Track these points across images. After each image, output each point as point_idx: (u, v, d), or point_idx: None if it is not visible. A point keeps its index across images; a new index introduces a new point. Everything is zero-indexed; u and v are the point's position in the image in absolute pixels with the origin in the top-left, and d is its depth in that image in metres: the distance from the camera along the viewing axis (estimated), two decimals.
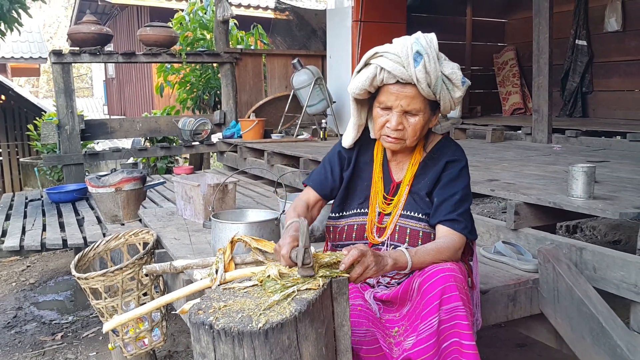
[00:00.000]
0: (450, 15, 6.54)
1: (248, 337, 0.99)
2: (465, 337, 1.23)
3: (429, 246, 1.36)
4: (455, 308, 1.24)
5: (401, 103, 1.38)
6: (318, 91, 4.76)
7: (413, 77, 1.35)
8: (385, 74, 1.38)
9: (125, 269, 2.03)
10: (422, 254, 1.33)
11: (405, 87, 1.38)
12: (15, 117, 8.60)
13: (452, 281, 1.26)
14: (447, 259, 1.34)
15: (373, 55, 1.41)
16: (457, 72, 1.40)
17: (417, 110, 1.39)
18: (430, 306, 1.26)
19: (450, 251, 1.36)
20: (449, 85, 1.39)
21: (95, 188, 3.20)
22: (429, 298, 1.26)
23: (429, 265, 1.32)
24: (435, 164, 1.47)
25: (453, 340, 1.24)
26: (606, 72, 5.49)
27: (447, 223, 1.40)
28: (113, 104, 13.52)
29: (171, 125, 5.31)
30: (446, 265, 1.30)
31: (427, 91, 1.37)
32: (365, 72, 1.41)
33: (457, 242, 1.38)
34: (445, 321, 1.24)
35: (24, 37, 11.89)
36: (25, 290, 3.90)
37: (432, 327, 1.25)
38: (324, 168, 1.58)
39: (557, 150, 3.65)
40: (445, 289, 1.25)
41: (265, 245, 1.41)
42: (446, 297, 1.25)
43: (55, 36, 23.70)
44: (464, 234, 1.40)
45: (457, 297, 1.25)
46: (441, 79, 1.37)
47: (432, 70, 1.35)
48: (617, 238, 4.10)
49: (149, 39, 4.94)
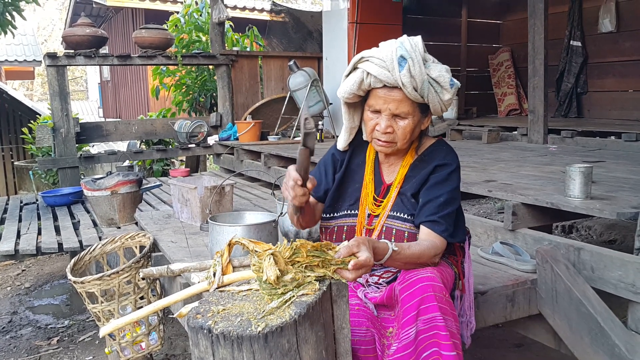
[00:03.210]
0: (446, 17, 6.56)
1: (247, 341, 0.98)
2: (444, 347, 1.23)
3: (413, 248, 1.33)
4: (433, 318, 1.24)
5: (389, 106, 1.39)
6: (314, 93, 4.76)
7: (398, 81, 1.35)
8: (372, 79, 1.38)
9: (121, 273, 2.01)
10: (402, 256, 1.29)
11: (392, 91, 1.38)
12: (10, 120, 8.55)
13: (430, 291, 1.25)
14: (425, 262, 1.34)
15: (359, 59, 1.41)
16: (445, 74, 1.39)
17: (405, 113, 1.39)
18: (407, 316, 1.26)
19: (430, 254, 1.35)
20: (437, 88, 1.39)
21: (91, 191, 3.19)
22: (407, 308, 1.26)
23: (403, 266, 1.32)
24: (425, 166, 1.47)
25: (433, 350, 1.24)
26: (601, 72, 5.52)
27: (428, 224, 1.39)
28: (108, 107, 13.48)
29: (167, 128, 5.30)
30: (426, 274, 1.29)
31: (414, 94, 1.36)
32: (353, 77, 1.42)
33: (437, 245, 1.37)
34: (424, 331, 1.24)
35: (18, 40, 11.83)
36: (20, 294, 3.87)
37: (409, 337, 1.25)
38: (318, 170, 1.59)
39: (553, 151, 3.66)
40: (423, 300, 1.25)
41: (263, 247, 1.40)
42: (424, 307, 1.24)
43: (50, 39, 23.60)
44: (443, 236, 1.38)
45: (436, 307, 1.24)
46: (427, 82, 1.37)
47: (417, 74, 1.35)
48: (613, 238, 4.11)
49: (144, 41, 4.93)
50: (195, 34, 6.26)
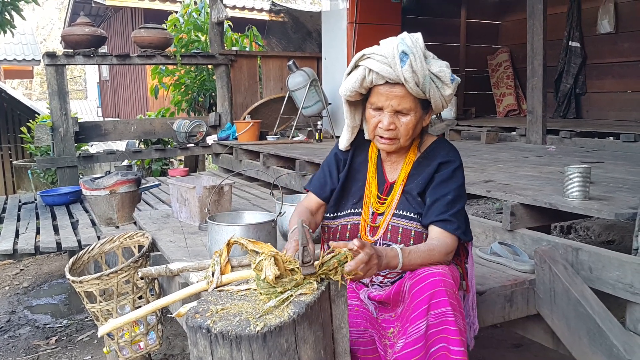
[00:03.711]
0: (445, 17, 6.56)
1: (246, 341, 0.98)
2: (453, 342, 1.23)
3: (422, 247, 1.36)
4: (444, 313, 1.24)
5: (391, 103, 1.39)
6: (313, 93, 4.76)
7: (400, 77, 1.36)
8: (374, 75, 1.39)
9: (120, 272, 2.01)
10: (414, 256, 1.32)
11: (394, 87, 1.39)
12: (9, 119, 8.54)
13: (442, 286, 1.26)
14: (438, 261, 1.34)
15: (361, 57, 1.42)
16: (446, 70, 1.40)
17: (407, 109, 1.40)
18: (418, 310, 1.26)
19: (441, 253, 1.35)
20: (438, 84, 1.40)
21: (90, 191, 3.18)
22: (418, 302, 1.26)
23: (419, 267, 1.32)
24: (428, 164, 1.47)
25: (441, 346, 1.24)
26: (599, 73, 5.53)
27: (439, 224, 1.39)
28: (107, 106, 13.47)
29: (166, 128, 5.30)
30: (437, 270, 1.29)
31: (416, 90, 1.37)
32: (355, 74, 1.43)
33: (449, 243, 1.38)
34: (434, 326, 1.24)
35: (17, 39, 11.81)
36: (18, 294, 3.86)
37: (419, 331, 1.25)
38: (322, 172, 1.60)
39: (552, 151, 3.67)
40: (434, 294, 1.25)
41: (261, 247, 1.40)
42: (435, 302, 1.25)
43: (49, 38, 23.57)
44: (456, 234, 1.39)
45: (446, 302, 1.24)
46: (429, 78, 1.38)
47: (419, 69, 1.36)
48: (611, 238, 4.12)
49: (144, 41, 4.93)
50: (195, 34, 6.26)
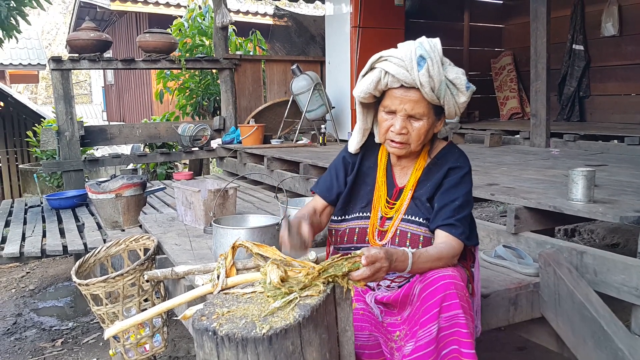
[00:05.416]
0: (448, 21, 6.57)
1: (252, 343, 0.99)
2: (465, 345, 1.23)
3: (431, 250, 1.36)
4: (456, 316, 1.24)
5: (405, 107, 1.40)
6: (317, 97, 4.78)
7: (416, 81, 1.36)
8: (390, 78, 1.39)
9: (126, 275, 2.03)
10: (423, 259, 1.32)
11: (409, 91, 1.39)
12: (14, 123, 8.60)
13: (453, 288, 1.26)
14: (446, 264, 1.35)
15: (378, 59, 1.42)
16: (462, 77, 1.41)
17: (420, 114, 1.40)
18: (430, 313, 1.26)
19: (449, 256, 1.36)
20: (453, 90, 1.40)
21: (96, 194, 3.20)
22: (429, 305, 1.26)
23: (428, 270, 1.33)
24: (438, 170, 1.48)
25: (453, 348, 1.24)
26: (603, 76, 5.52)
27: (445, 228, 1.40)
28: (112, 111, 13.53)
29: (171, 131, 5.32)
30: (447, 272, 1.30)
31: (431, 95, 1.37)
32: (370, 76, 1.43)
33: (455, 247, 1.39)
34: (445, 328, 1.25)
35: (23, 44, 11.89)
36: (25, 296, 3.88)
37: (431, 334, 1.25)
38: (329, 174, 1.60)
39: (556, 155, 3.66)
40: (445, 297, 1.25)
41: (266, 250, 1.41)
42: (446, 304, 1.25)
43: (54, 43, 23.73)
44: (461, 239, 1.39)
45: (458, 304, 1.25)
46: (445, 84, 1.38)
47: (436, 75, 1.36)
48: (616, 241, 4.10)
49: (148, 46, 4.96)
50: (199, 38, 6.29)
